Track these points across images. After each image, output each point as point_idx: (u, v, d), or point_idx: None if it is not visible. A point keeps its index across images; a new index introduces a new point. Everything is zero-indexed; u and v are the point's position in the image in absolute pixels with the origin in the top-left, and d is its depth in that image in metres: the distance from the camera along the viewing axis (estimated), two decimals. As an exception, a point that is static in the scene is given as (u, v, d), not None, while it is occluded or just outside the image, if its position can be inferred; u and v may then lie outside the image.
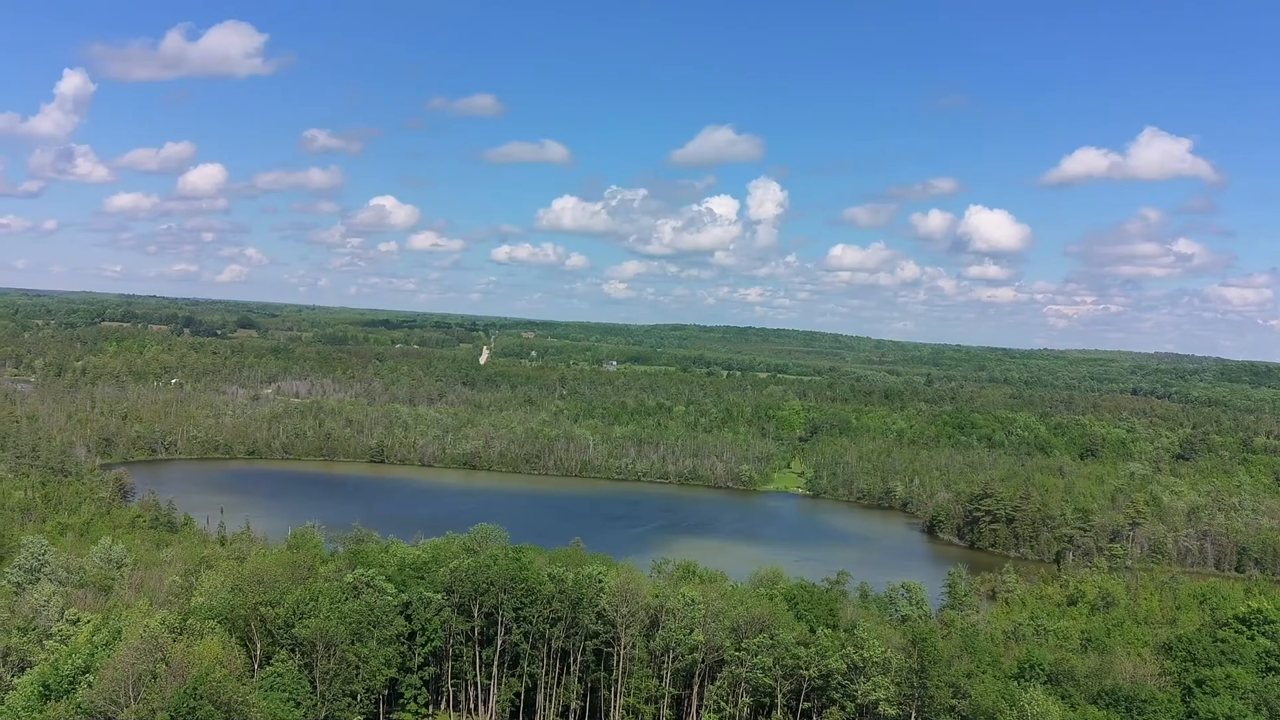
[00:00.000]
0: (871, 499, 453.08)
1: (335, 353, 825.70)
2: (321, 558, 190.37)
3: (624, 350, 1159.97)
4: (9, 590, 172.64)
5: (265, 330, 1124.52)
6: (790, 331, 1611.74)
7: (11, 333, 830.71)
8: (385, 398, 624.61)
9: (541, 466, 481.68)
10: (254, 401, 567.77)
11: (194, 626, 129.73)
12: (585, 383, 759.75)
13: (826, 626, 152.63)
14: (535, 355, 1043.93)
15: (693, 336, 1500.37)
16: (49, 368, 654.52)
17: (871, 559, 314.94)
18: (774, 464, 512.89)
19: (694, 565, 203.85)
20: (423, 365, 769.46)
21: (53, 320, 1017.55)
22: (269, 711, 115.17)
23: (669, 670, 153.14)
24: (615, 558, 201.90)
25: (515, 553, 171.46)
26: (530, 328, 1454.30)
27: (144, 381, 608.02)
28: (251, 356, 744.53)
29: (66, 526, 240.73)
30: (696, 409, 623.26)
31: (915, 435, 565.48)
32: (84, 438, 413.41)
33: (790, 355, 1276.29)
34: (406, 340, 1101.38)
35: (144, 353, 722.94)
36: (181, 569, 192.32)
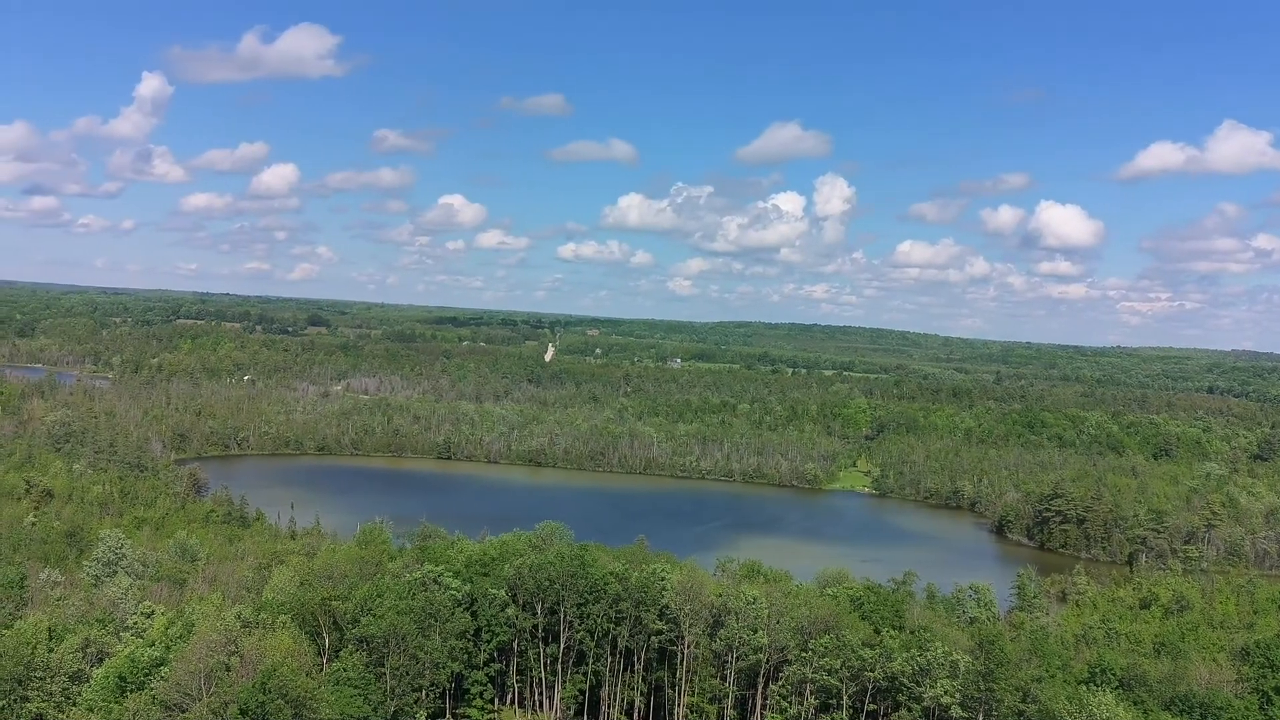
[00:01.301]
0: (939, 498, 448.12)
1: (403, 350, 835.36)
2: (389, 553, 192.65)
3: (688, 348, 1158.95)
4: (88, 583, 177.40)
5: (335, 328, 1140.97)
6: (856, 329, 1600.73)
7: (90, 330, 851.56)
8: (452, 395, 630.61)
9: (606, 464, 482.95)
10: (324, 398, 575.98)
11: (265, 621, 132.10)
12: (650, 380, 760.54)
13: (892, 628, 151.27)
14: (600, 352, 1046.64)
15: (757, 334, 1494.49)
16: (126, 364, 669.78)
17: (939, 559, 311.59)
18: (840, 462, 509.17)
19: (758, 564, 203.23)
20: (489, 362, 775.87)
21: (130, 318, 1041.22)
22: (338, 706, 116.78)
23: (733, 669, 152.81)
24: (679, 556, 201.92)
25: (579, 550, 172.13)
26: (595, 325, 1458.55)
27: (217, 378, 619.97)
28: (321, 354, 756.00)
29: (143, 521, 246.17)
30: (761, 407, 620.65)
31: (984, 434, 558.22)
32: (159, 433, 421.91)
33: (856, 353, 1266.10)
34: (473, 338, 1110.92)
35: (217, 350, 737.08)
36: (253, 564, 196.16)
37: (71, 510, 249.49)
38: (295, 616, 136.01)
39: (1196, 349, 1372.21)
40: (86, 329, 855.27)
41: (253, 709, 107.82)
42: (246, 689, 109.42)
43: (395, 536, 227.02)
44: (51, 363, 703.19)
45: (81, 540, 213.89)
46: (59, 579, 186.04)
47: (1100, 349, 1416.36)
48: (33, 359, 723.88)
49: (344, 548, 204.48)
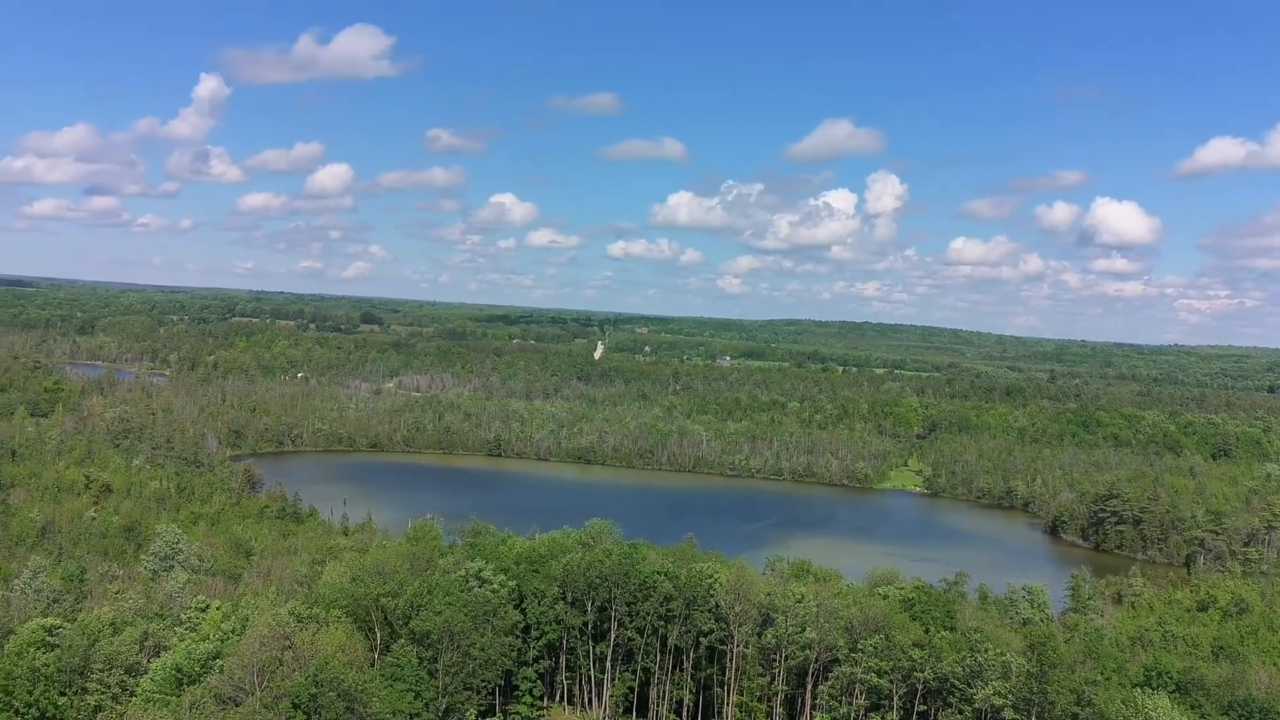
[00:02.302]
0: (992, 498, 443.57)
1: (454, 348, 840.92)
2: (440, 549, 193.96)
3: (738, 346, 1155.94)
4: (146, 577, 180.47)
5: (388, 326, 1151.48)
6: (908, 327, 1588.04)
7: (148, 328, 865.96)
8: (502, 392, 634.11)
9: (655, 461, 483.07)
10: (376, 395, 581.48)
11: (318, 616, 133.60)
12: (699, 378, 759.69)
13: (943, 628, 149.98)
14: (649, 350, 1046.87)
15: (808, 332, 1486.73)
16: (183, 362, 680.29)
17: (991, 560, 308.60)
18: (891, 461, 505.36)
19: (808, 563, 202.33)
20: (539, 360, 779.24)
21: (186, 316, 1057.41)
22: (390, 702, 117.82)
23: (781, 668, 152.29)
24: (728, 554, 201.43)
25: (629, 548, 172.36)
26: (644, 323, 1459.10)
27: (272, 375, 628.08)
28: (374, 351, 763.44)
29: (199, 516, 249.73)
30: (811, 405, 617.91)
31: (1038, 433, 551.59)
32: (215, 430, 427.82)
33: (908, 351, 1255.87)
34: (523, 335, 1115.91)
35: (272, 347, 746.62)
36: (306, 559, 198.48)
37: (130, 505, 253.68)
38: (348, 612, 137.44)
39: (1257, 347, 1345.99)
40: (145, 327, 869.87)
41: (305, 702, 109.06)
42: (299, 682, 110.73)
43: (446, 533, 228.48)
44: (111, 360, 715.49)
45: (139, 535, 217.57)
46: (118, 573, 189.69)
47: (1157, 347, 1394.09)
48: (93, 356, 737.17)
49: (395, 544, 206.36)
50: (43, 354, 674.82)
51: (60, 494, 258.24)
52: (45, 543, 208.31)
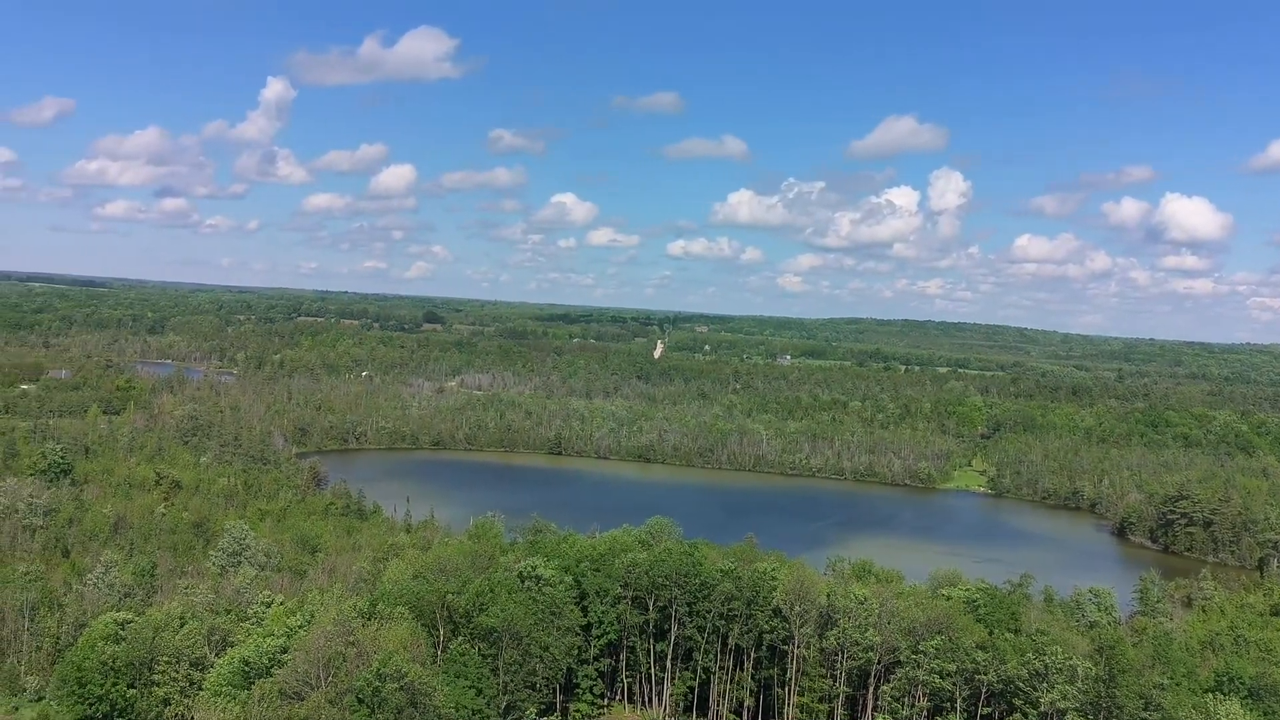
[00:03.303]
0: (1057, 499, 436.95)
1: (515, 347, 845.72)
2: (502, 547, 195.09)
3: (798, 344, 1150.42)
4: (214, 572, 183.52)
5: (450, 325, 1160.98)
6: (971, 325, 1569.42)
7: (216, 328, 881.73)
8: (563, 391, 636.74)
9: (715, 460, 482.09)
10: (439, 394, 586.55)
11: (382, 612, 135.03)
12: (759, 377, 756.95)
13: (1008, 631, 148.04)
14: (709, 349, 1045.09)
15: (869, 330, 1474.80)
16: (250, 361, 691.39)
17: (1057, 561, 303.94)
18: (954, 461, 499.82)
19: (869, 564, 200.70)
20: (598, 359, 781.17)
21: (253, 315, 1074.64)
22: (452, 697, 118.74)
23: (843, 669, 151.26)
24: (789, 555, 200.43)
25: (689, 548, 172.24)
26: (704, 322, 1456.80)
27: (336, 374, 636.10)
28: (436, 350, 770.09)
29: (265, 513, 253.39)
30: (873, 404, 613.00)
31: (1105, 433, 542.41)
32: (281, 427, 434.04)
33: (971, 349, 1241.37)
34: (583, 334, 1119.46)
35: (336, 346, 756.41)
36: (369, 555, 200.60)
37: (198, 502, 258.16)
38: (411, 608, 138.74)
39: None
40: (213, 326, 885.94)
41: (368, 697, 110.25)
42: (363, 677, 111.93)
43: (507, 530, 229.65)
44: (180, 359, 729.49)
45: (208, 531, 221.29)
46: (187, 568, 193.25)
47: (1229, 346, 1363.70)
48: (162, 355, 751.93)
49: (457, 541, 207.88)
50: (115, 353, 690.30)
51: (131, 490, 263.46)
52: (117, 538, 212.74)
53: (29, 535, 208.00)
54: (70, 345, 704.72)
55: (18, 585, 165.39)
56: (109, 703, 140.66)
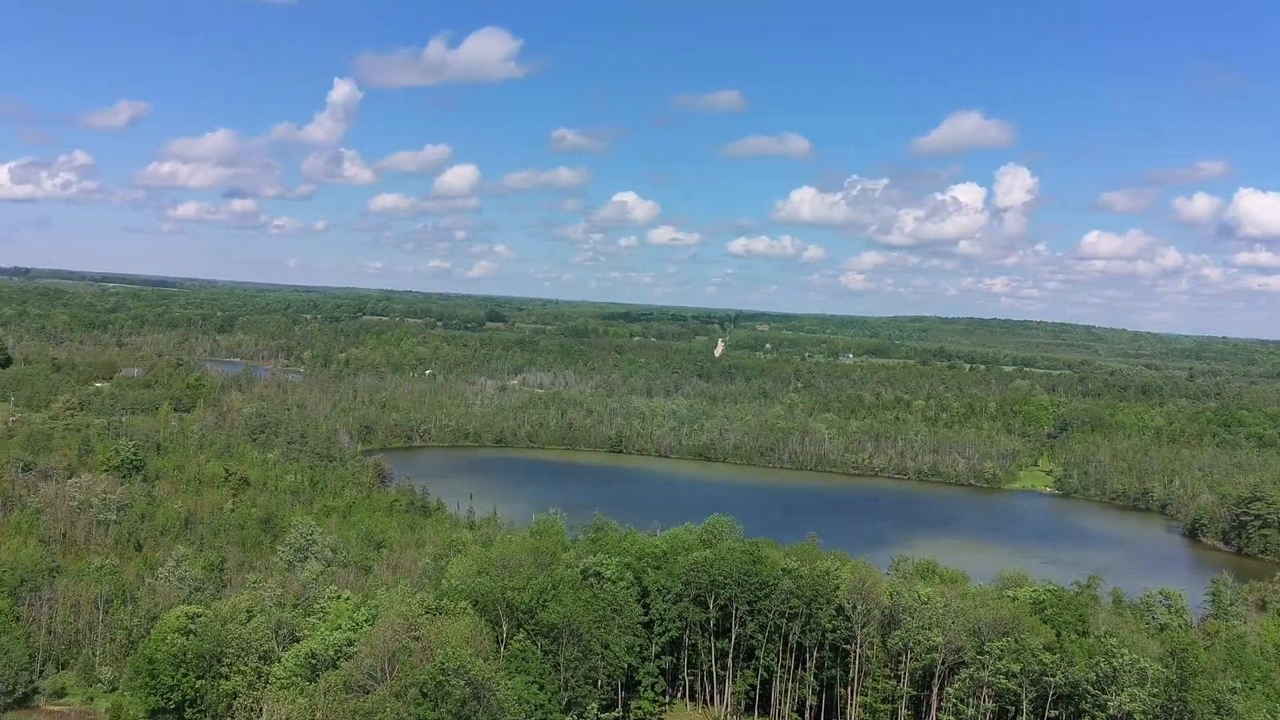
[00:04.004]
0: (1126, 500, 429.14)
1: (577, 345, 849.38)
2: (563, 544, 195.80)
3: (861, 343, 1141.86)
4: (281, 567, 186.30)
5: (512, 324, 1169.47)
6: (1038, 323, 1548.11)
7: (283, 327, 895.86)
8: (624, 389, 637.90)
9: (776, 460, 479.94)
10: (501, 392, 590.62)
11: (446, 607, 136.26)
12: (821, 375, 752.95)
13: (1075, 633, 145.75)
14: (770, 348, 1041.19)
15: (933, 328, 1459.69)
16: (316, 359, 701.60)
17: (1126, 563, 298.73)
18: (1020, 461, 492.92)
19: (933, 564, 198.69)
20: (659, 358, 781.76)
21: (319, 315, 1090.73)
22: (514, 692, 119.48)
23: (906, 669, 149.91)
24: (851, 554, 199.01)
25: (751, 546, 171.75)
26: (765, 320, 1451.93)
27: (400, 372, 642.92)
28: (499, 349, 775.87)
29: (331, 509, 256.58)
30: (937, 403, 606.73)
31: (1175, 433, 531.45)
32: (347, 425, 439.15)
33: (1038, 348, 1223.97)
34: (644, 333, 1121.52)
35: (401, 345, 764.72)
36: (433, 551, 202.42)
37: (266, 498, 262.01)
38: (474, 604, 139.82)
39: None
40: (280, 325, 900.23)
41: (432, 691, 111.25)
42: (427, 671, 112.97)
43: (568, 528, 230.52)
44: (248, 357, 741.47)
45: (275, 527, 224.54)
46: (255, 563, 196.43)
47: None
48: (231, 353, 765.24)
49: (519, 538, 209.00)
50: (185, 352, 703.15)
51: (201, 486, 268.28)
52: (188, 533, 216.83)
53: (103, 530, 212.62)
54: (142, 344, 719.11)
55: (93, 578, 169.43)
56: (180, 694, 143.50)
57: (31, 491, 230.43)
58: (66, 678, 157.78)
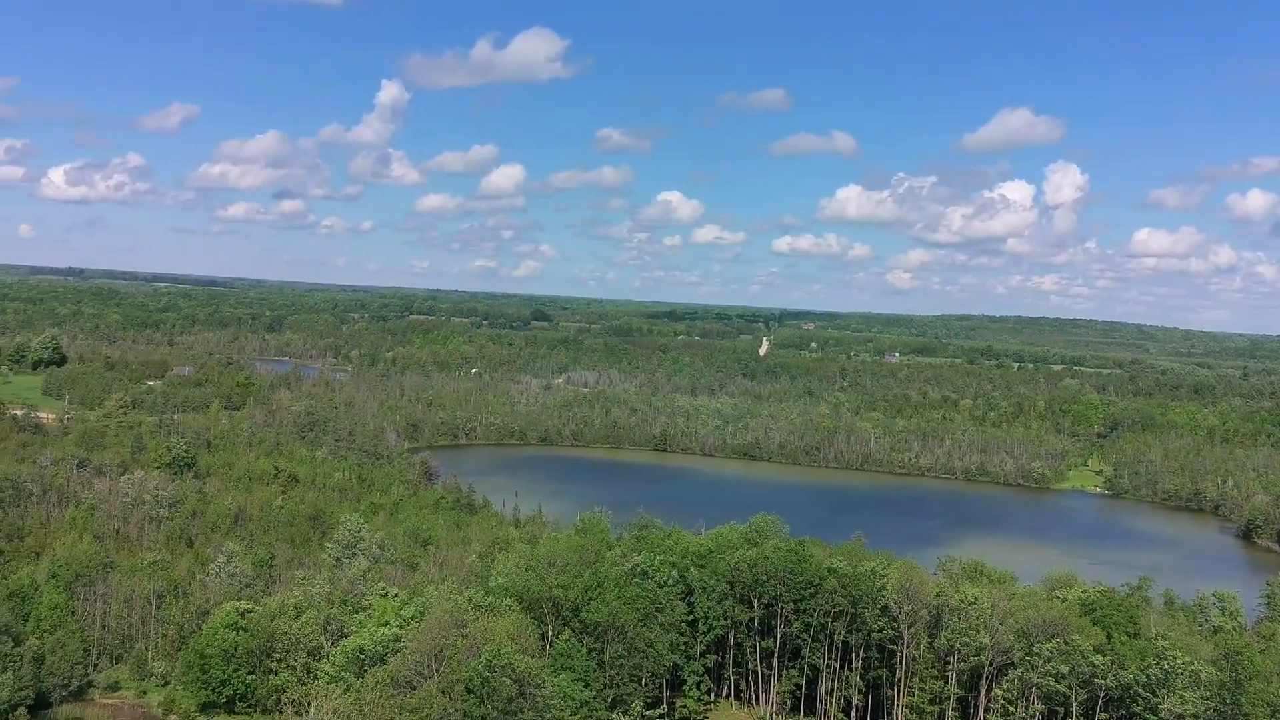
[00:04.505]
0: (1178, 500, 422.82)
1: (621, 344, 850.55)
2: (608, 542, 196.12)
3: (907, 341, 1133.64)
4: (329, 564, 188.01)
5: (556, 323, 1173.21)
6: (1087, 322, 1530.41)
7: (331, 326, 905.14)
8: (668, 388, 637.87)
9: (821, 459, 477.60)
10: (546, 390, 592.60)
11: (492, 605, 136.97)
12: (867, 374, 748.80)
13: (1126, 634, 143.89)
14: (815, 346, 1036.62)
15: (981, 327, 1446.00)
16: (363, 358, 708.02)
17: (1178, 565, 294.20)
18: (1069, 461, 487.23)
19: (981, 564, 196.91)
20: (703, 356, 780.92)
21: (367, 314, 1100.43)
22: (560, 689, 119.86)
23: (954, 670, 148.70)
24: (898, 554, 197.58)
25: (796, 545, 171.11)
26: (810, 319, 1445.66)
27: (447, 371, 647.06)
28: (544, 348, 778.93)
29: (378, 506, 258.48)
30: (985, 402, 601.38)
31: (1229, 433, 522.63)
32: (394, 423, 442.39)
33: (1087, 346, 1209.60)
34: (688, 332, 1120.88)
35: (447, 344, 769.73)
36: (479, 549, 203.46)
37: (314, 495, 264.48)
38: (520, 601, 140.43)
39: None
40: (328, 325, 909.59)
41: (478, 687, 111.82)
42: (472, 667, 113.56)
43: (613, 526, 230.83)
44: (297, 356, 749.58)
45: (323, 524, 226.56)
46: (304, 559, 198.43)
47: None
48: (280, 352, 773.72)
49: (565, 536, 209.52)
50: (235, 351, 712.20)
51: (251, 483, 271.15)
52: (238, 530, 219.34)
53: (155, 526, 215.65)
54: (193, 343, 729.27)
55: (145, 574, 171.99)
56: (231, 688, 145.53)
57: (86, 488, 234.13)
58: (120, 671, 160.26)
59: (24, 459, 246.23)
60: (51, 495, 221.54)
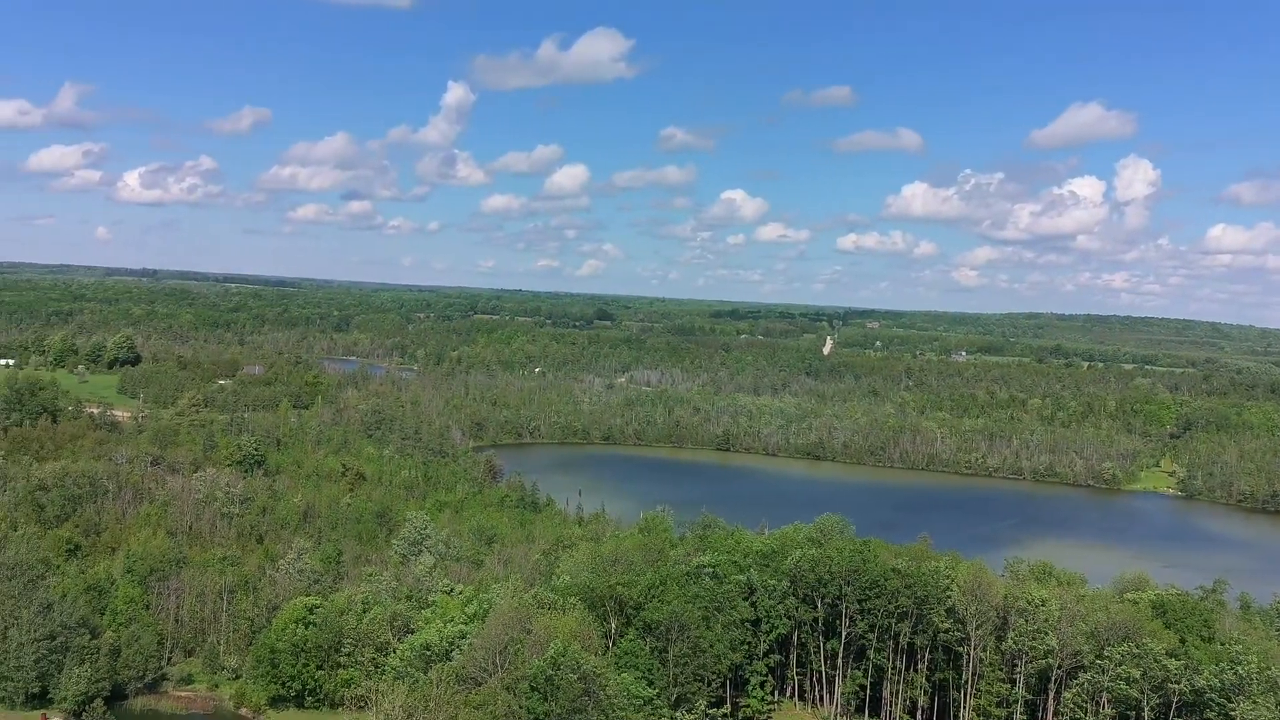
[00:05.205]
0: (1255, 502, 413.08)
1: (683, 343, 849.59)
2: (671, 541, 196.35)
3: (974, 340, 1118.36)
4: (396, 560, 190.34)
5: (619, 322, 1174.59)
6: (1159, 320, 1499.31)
7: (398, 325, 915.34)
8: (730, 387, 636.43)
9: (886, 459, 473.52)
10: (609, 390, 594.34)
11: (556, 602, 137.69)
12: (932, 373, 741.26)
13: (1200, 638, 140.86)
14: (880, 345, 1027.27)
15: (1049, 325, 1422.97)
16: (429, 357, 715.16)
17: (1255, 567, 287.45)
18: (1141, 461, 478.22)
19: (1049, 566, 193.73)
20: (766, 356, 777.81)
21: (432, 313, 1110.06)
22: (623, 687, 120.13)
23: (1022, 673, 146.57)
24: (964, 555, 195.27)
25: (860, 545, 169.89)
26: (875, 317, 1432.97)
27: (511, 370, 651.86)
28: (607, 347, 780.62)
29: (444, 504, 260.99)
30: (1053, 402, 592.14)
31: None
32: (459, 422, 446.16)
33: (1159, 345, 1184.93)
34: (751, 331, 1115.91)
35: (511, 343, 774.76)
36: (543, 547, 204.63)
37: (381, 492, 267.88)
38: (584, 600, 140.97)
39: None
40: (394, 324, 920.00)
41: (542, 685, 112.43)
42: (537, 665, 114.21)
43: (676, 525, 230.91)
44: (364, 355, 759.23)
45: (390, 520, 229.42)
46: (370, 556, 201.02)
47: None
48: (348, 352, 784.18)
49: (628, 535, 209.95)
50: (304, 350, 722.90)
51: (319, 481, 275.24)
52: (306, 526, 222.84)
53: (226, 522, 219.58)
54: (263, 342, 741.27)
55: (217, 569, 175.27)
56: (300, 683, 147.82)
57: (159, 485, 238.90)
58: (193, 665, 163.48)
59: (100, 456, 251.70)
60: (127, 492, 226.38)
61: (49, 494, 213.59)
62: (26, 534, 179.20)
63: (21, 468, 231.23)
